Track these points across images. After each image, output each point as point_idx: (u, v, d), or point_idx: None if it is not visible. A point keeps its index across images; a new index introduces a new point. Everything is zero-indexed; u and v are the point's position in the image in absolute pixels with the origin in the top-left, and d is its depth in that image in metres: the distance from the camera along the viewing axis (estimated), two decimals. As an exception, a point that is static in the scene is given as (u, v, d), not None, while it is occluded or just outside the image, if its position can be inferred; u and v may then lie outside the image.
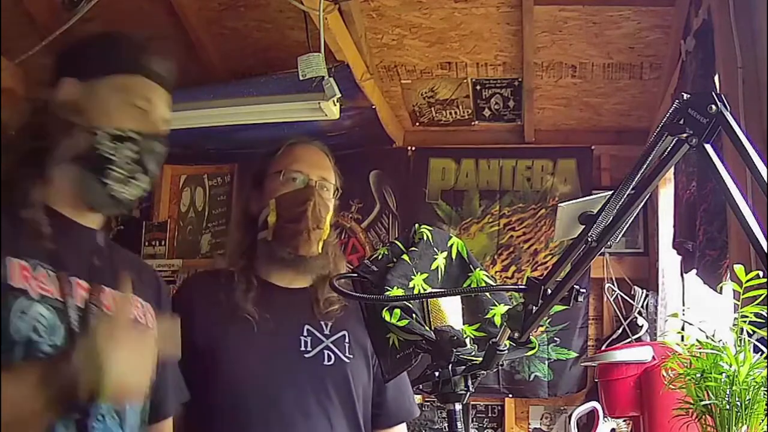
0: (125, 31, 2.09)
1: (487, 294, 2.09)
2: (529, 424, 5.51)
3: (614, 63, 4.80)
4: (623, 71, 4.86)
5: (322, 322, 2.52)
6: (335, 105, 3.95)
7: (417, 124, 5.80)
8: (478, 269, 2.13)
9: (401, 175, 5.79)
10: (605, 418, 4.33)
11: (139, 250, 5.87)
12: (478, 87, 5.30)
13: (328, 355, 2.49)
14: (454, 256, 2.14)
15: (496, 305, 2.06)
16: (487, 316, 2.03)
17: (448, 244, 2.15)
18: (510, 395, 5.47)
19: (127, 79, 1.93)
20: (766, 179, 1.12)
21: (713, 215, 3.23)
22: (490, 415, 5.54)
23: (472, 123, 5.72)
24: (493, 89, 5.34)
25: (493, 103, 5.46)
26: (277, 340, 2.43)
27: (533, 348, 1.87)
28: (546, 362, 5.42)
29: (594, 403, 4.38)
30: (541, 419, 5.50)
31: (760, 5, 2.81)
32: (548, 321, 5.41)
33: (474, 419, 5.53)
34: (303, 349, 2.47)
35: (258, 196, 2.57)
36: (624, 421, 4.29)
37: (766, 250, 1.11)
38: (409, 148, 5.84)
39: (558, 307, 5.57)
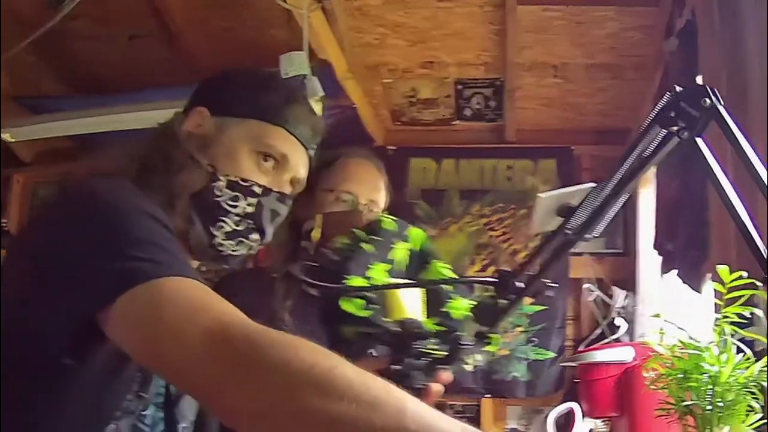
0: (275, 73, 1.94)
1: (446, 286, 2.07)
2: (506, 424, 5.51)
3: (597, 63, 4.80)
4: (606, 71, 4.86)
5: None
6: (317, 104, 3.94)
7: (398, 123, 5.79)
8: (437, 261, 2.12)
9: (381, 175, 5.76)
10: (583, 419, 4.33)
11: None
12: (459, 86, 5.30)
13: None
14: (413, 247, 2.12)
15: (454, 298, 2.04)
16: (444, 309, 2.01)
17: (408, 235, 2.13)
18: (488, 395, 5.46)
19: (265, 127, 1.77)
20: (761, 175, 1.12)
21: (695, 215, 3.23)
22: (467, 415, 5.53)
23: (453, 123, 5.72)
24: (475, 89, 5.34)
25: (474, 103, 5.46)
26: None
27: (491, 343, 1.84)
28: (524, 362, 5.43)
29: (572, 404, 4.38)
30: (518, 419, 5.50)
31: (745, 6, 2.82)
32: (527, 321, 5.42)
33: (451, 419, 5.53)
34: None
35: (307, 203, 2.51)
36: (602, 421, 4.29)
37: (759, 246, 1.10)
38: (389, 147, 5.81)
39: (537, 307, 5.54)
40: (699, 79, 3.21)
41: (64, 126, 4.59)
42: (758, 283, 1.75)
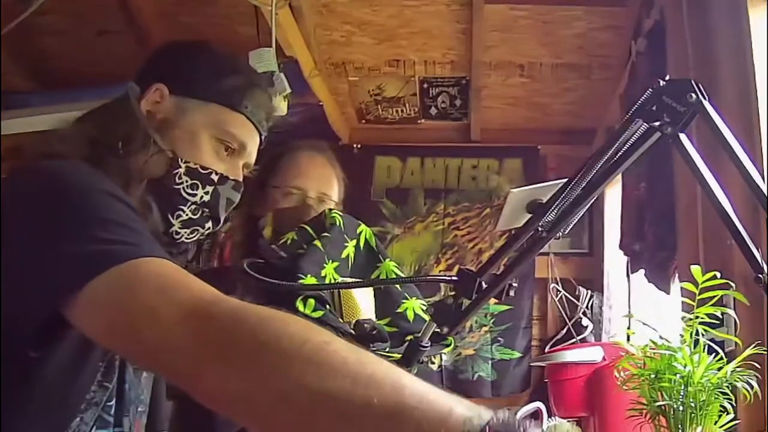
0: (239, 56, 1.89)
1: (398, 286, 2.04)
2: (472, 423, 5.49)
3: (564, 63, 4.80)
4: (573, 71, 4.86)
5: None
6: (284, 101, 3.90)
7: (363, 121, 5.77)
8: (388, 260, 2.09)
9: (346, 173, 5.72)
10: (549, 419, 4.32)
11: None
12: (425, 85, 5.28)
13: None
14: (362, 245, 2.10)
15: (408, 299, 2.01)
16: (398, 311, 1.98)
17: (358, 232, 2.11)
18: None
19: (226, 113, 1.73)
20: (748, 168, 1.10)
21: (662, 216, 3.23)
22: (432, 414, 5.51)
23: (419, 121, 5.71)
24: (441, 87, 5.32)
25: (440, 102, 5.45)
26: None
27: (449, 345, 1.81)
28: (489, 362, 5.42)
29: (538, 404, 4.36)
30: (484, 419, 5.49)
31: (713, 7, 2.82)
32: (492, 321, 5.42)
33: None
34: None
35: (260, 202, 2.48)
36: (568, 421, 4.29)
37: (749, 244, 1.09)
38: (355, 145, 5.81)
39: (502, 307, 5.51)
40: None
41: (32, 122, 4.53)
42: (731, 283, 1.75)
